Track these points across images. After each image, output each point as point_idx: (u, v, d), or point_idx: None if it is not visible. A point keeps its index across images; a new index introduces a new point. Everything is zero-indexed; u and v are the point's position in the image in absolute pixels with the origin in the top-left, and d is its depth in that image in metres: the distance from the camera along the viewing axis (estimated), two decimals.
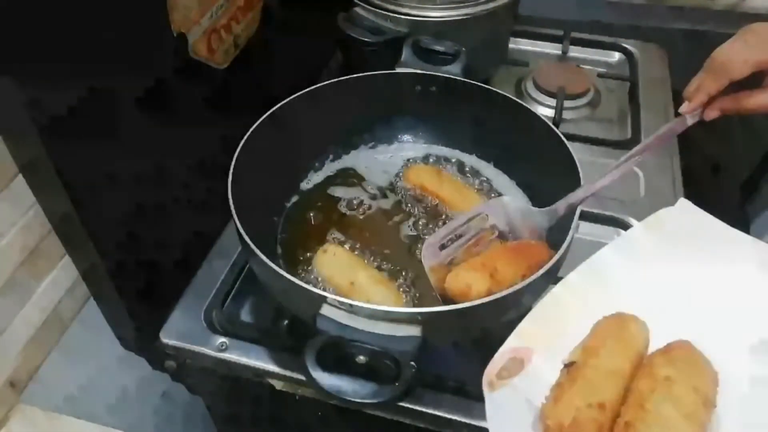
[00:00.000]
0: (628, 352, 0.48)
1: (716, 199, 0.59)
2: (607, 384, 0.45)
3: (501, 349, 0.49)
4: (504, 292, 0.50)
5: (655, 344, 0.50)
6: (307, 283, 0.54)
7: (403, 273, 0.65)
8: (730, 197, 1.10)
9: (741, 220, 1.03)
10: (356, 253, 0.67)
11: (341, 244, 0.68)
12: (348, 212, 0.72)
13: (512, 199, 0.63)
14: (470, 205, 0.70)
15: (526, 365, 0.48)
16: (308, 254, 0.67)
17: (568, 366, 0.47)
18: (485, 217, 0.61)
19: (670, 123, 0.59)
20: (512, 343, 0.49)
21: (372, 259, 0.66)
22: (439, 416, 0.58)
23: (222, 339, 0.64)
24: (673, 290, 0.53)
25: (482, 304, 0.50)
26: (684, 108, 0.58)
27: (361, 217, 0.72)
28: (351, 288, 0.61)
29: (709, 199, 0.59)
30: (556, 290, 0.52)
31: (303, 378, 0.52)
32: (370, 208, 0.72)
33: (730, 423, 0.46)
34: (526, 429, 0.45)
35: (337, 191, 0.75)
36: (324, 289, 0.61)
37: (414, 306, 0.62)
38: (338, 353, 0.51)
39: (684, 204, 0.59)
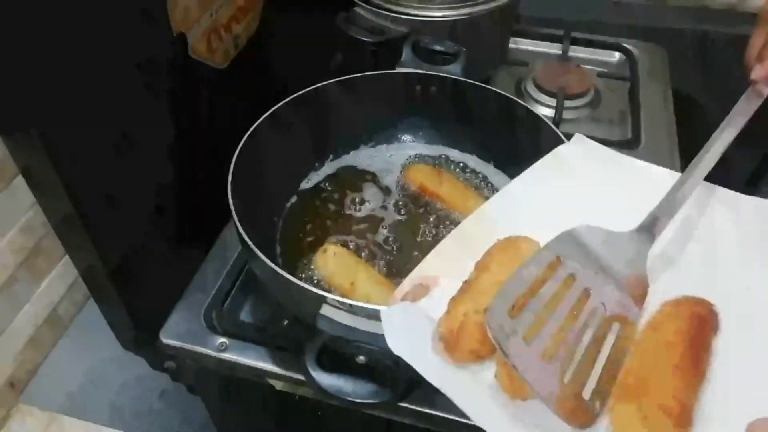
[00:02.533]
0: (515, 266, 0.48)
1: None
2: (492, 293, 0.46)
3: (408, 276, 0.50)
4: None
5: None
6: (307, 283, 0.54)
7: (404, 273, 0.65)
8: None
9: None
10: (356, 252, 0.67)
11: (341, 244, 0.68)
12: (348, 212, 0.72)
13: (587, 228, 0.49)
14: (470, 204, 0.70)
15: (432, 290, 0.50)
16: (308, 254, 0.67)
17: (464, 283, 0.49)
18: (559, 261, 0.47)
19: (744, 98, 0.54)
20: (420, 272, 0.51)
21: (372, 259, 0.66)
22: (439, 416, 0.58)
23: (222, 339, 0.64)
24: (569, 216, 0.53)
25: None
26: (756, 73, 0.53)
27: (362, 217, 0.72)
28: (351, 288, 0.61)
29: None
30: (464, 224, 0.55)
31: (303, 378, 0.52)
32: (370, 208, 0.73)
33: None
34: (425, 342, 0.47)
35: (338, 191, 0.75)
36: (324, 290, 0.61)
37: None
38: (338, 353, 0.51)
39: (579, 138, 0.62)
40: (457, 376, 0.46)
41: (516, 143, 0.72)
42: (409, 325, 0.48)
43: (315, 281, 0.64)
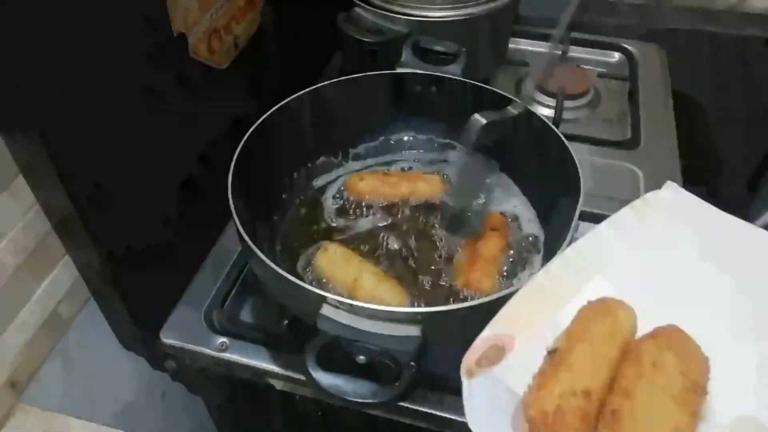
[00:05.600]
0: (613, 338, 0.45)
1: (717, 199, 0.58)
2: (592, 371, 0.43)
3: (481, 336, 0.46)
4: (503, 292, 0.50)
5: (643, 330, 0.47)
6: (308, 283, 0.54)
7: (404, 275, 0.65)
8: (731, 197, 1.10)
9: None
10: (357, 252, 0.67)
11: (342, 243, 0.68)
12: (348, 212, 0.72)
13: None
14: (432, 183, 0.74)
15: (508, 353, 0.45)
16: (309, 254, 0.67)
17: (552, 353, 0.44)
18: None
19: None
20: (493, 329, 0.46)
21: (373, 257, 0.66)
22: (439, 416, 0.58)
23: (222, 339, 0.64)
24: (660, 274, 0.51)
25: (481, 303, 0.50)
26: None
27: (362, 216, 0.72)
28: (354, 284, 0.60)
29: (710, 199, 0.58)
30: (540, 276, 0.50)
31: (303, 378, 0.52)
32: (370, 207, 0.73)
33: (723, 410, 0.44)
34: (506, 419, 0.42)
35: (338, 191, 0.75)
36: (327, 288, 0.62)
37: (415, 305, 0.62)
38: (338, 353, 0.51)
39: (671, 186, 0.56)
40: None
41: (516, 144, 0.72)
42: (490, 399, 0.43)
43: (316, 281, 0.64)
